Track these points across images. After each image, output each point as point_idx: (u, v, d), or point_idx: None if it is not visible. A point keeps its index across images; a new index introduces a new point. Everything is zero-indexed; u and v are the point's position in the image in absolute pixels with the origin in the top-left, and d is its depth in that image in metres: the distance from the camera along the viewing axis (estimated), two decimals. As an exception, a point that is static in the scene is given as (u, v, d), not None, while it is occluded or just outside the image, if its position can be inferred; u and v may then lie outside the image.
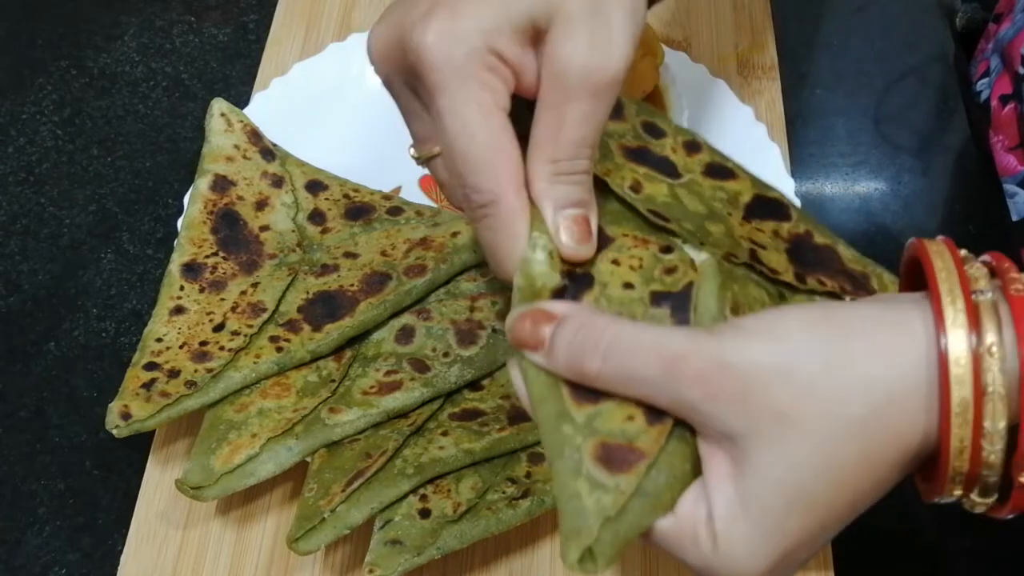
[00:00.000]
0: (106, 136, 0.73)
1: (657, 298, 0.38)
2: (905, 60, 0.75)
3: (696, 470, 0.35)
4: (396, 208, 0.63)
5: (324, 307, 0.58)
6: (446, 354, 0.57)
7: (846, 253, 0.43)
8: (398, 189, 0.67)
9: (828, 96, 0.74)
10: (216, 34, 0.79)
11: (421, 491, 0.52)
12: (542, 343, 0.36)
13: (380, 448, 0.52)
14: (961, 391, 0.32)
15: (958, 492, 0.35)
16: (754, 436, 0.33)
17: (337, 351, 0.57)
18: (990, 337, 0.32)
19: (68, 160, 0.72)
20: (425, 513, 0.51)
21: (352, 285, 0.59)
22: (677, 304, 0.38)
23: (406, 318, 0.58)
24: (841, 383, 0.33)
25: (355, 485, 0.51)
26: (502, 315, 0.58)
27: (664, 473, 0.35)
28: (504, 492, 0.52)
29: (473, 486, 0.52)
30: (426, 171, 0.68)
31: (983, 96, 0.69)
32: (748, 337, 0.34)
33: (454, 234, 0.61)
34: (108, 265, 0.67)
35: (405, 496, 0.51)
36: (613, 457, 0.35)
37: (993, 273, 0.34)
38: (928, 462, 0.35)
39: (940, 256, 0.34)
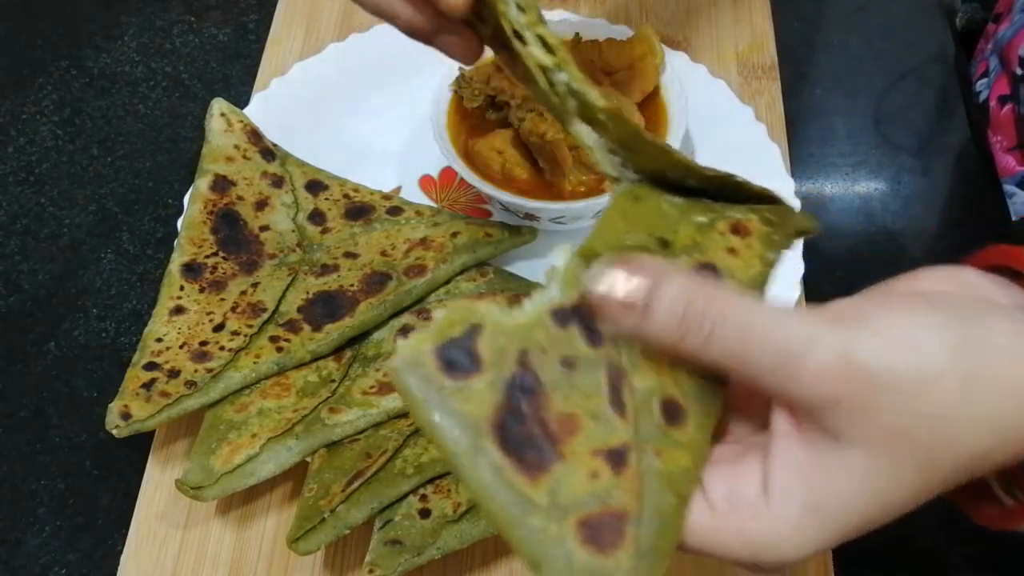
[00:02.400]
0: (106, 136, 0.73)
1: None
2: (905, 60, 0.75)
3: (682, 493, 0.32)
4: (396, 208, 0.63)
5: (324, 307, 0.58)
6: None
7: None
8: (398, 189, 0.67)
9: (828, 96, 0.74)
10: (216, 34, 0.79)
11: (421, 491, 0.52)
12: (635, 304, 0.31)
13: (380, 448, 0.53)
14: None
15: None
16: (862, 444, 0.31)
17: (337, 351, 0.57)
18: None
19: (68, 160, 0.72)
20: (425, 513, 0.51)
21: (352, 285, 0.59)
22: None
23: (406, 318, 0.58)
24: (971, 419, 0.31)
25: (355, 485, 0.51)
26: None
27: (653, 520, 0.31)
28: (504, 492, 0.52)
29: (473, 486, 0.52)
30: (426, 171, 0.69)
31: (982, 96, 0.69)
32: (881, 339, 0.31)
33: (454, 234, 0.61)
34: (108, 265, 0.67)
35: (405, 496, 0.51)
36: (600, 535, 0.30)
37: None
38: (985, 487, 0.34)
39: None
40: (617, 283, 0.31)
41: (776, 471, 0.32)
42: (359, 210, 0.63)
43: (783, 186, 0.64)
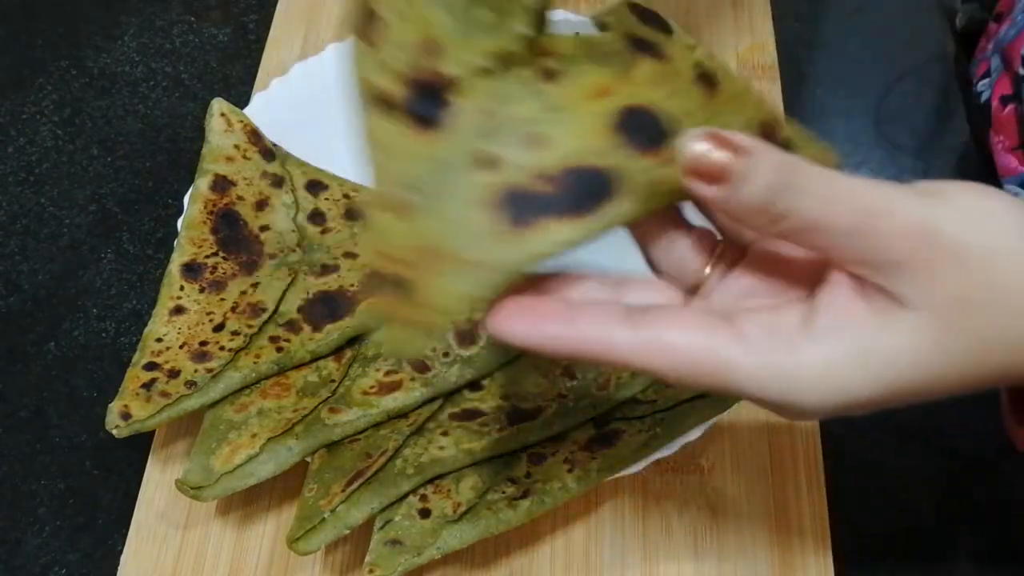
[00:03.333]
0: (106, 136, 0.73)
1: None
2: (905, 60, 0.75)
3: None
4: (396, 208, 0.63)
5: (324, 307, 0.58)
6: (446, 354, 0.57)
7: None
8: (398, 189, 0.67)
9: (828, 96, 0.74)
10: (216, 34, 0.79)
11: (421, 491, 0.52)
12: (728, 175, 0.31)
13: (380, 448, 0.53)
14: None
15: None
16: (922, 309, 0.31)
17: (337, 351, 0.57)
18: None
19: (68, 160, 0.72)
20: (425, 513, 0.51)
21: (352, 285, 0.59)
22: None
23: (406, 318, 0.58)
24: None
25: (355, 485, 0.51)
26: (502, 315, 0.58)
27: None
28: (504, 492, 0.52)
29: (473, 486, 0.52)
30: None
31: (983, 97, 0.69)
32: (960, 213, 0.32)
33: (454, 234, 0.61)
34: (108, 265, 0.67)
35: (405, 496, 0.51)
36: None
37: None
38: None
39: None
40: (711, 154, 0.31)
41: (823, 310, 0.32)
42: (359, 210, 0.63)
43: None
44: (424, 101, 0.32)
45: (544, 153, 0.31)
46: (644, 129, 0.32)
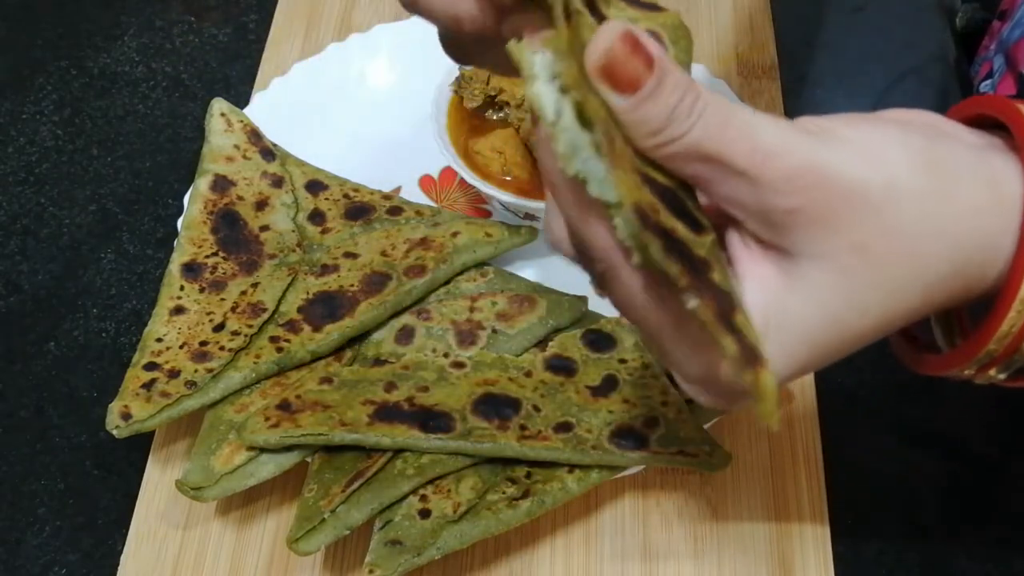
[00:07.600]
0: (106, 136, 0.73)
1: None
2: (905, 60, 0.75)
3: None
4: (396, 208, 0.63)
5: (324, 307, 0.58)
6: (446, 354, 0.57)
7: None
8: (398, 189, 0.67)
9: (828, 96, 0.74)
10: (216, 34, 0.79)
11: (421, 491, 0.52)
12: (638, 84, 0.30)
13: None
14: None
15: (970, 372, 0.35)
16: (820, 259, 0.31)
17: (337, 351, 0.57)
18: None
19: (68, 160, 0.72)
20: (425, 513, 0.51)
21: (352, 285, 0.59)
22: None
23: (406, 318, 0.58)
24: (932, 237, 0.31)
25: (355, 485, 0.51)
26: (502, 315, 0.58)
27: None
28: (504, 492, 0.52)
29: (473, 486, 0.52)
30: (426, 171, 0.69)
31: (984, 96, 0.69)
32: (849, 150, 0.31)
33: (454, 234, 0.61)
34: (108, 265, 0.67)
35: (405, 496, 0.51)
36: None
37: None
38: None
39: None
40: (628, 58, 0.30)
41: (744, 291, 0.32)
42: (359, 210, 0.63)
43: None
44: None
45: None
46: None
